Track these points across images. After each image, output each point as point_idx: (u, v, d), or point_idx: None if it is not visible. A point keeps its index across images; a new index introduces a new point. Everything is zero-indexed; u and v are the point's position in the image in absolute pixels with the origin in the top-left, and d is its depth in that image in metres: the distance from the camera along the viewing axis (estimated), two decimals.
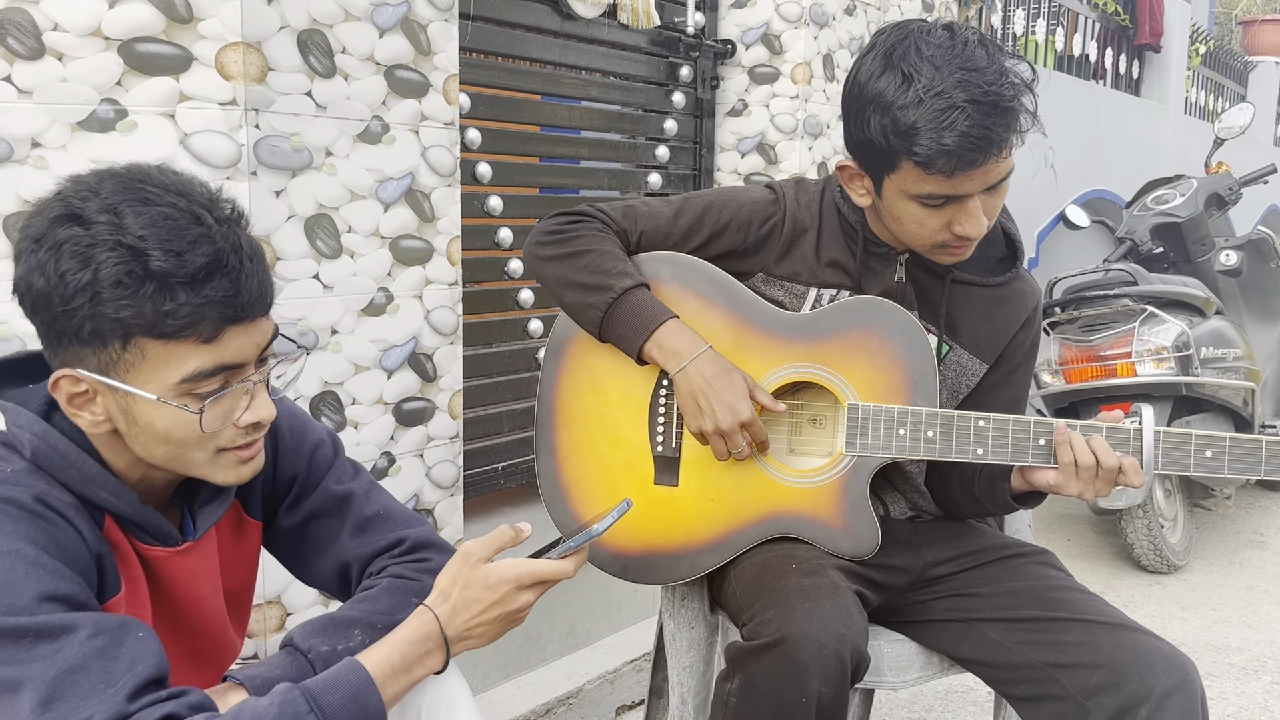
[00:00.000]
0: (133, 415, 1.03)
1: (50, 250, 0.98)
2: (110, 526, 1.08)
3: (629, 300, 1.49)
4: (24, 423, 1.04)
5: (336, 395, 1.90)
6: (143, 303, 0.97)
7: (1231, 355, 3.47)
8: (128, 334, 0.99)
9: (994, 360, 1.60)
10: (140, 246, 0.97)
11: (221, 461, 1.08)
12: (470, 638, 1.13)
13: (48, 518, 1.00)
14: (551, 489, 1.60)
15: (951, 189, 1.38)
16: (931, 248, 1.47)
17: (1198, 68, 7.29)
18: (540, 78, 2.56)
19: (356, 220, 1.88)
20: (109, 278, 0.97)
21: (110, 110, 1.63)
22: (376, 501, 1.29)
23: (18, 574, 0.95)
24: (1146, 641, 1.42)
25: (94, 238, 0.97)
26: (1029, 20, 5.07)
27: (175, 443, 1.05)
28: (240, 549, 1.26)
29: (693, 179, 3.09)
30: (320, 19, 1.78)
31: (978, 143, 1.32)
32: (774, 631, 1.32)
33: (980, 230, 1.42)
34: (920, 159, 1.34)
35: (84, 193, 1.00)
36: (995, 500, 1.56)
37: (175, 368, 1.01)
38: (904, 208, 1.44)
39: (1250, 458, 1.40)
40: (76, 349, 1.01)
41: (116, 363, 1.01)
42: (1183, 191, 3.96)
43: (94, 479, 1.05)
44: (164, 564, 1.13)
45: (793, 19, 3.01)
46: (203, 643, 1.21)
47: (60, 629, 0.95)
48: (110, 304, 0.97)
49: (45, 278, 0.98)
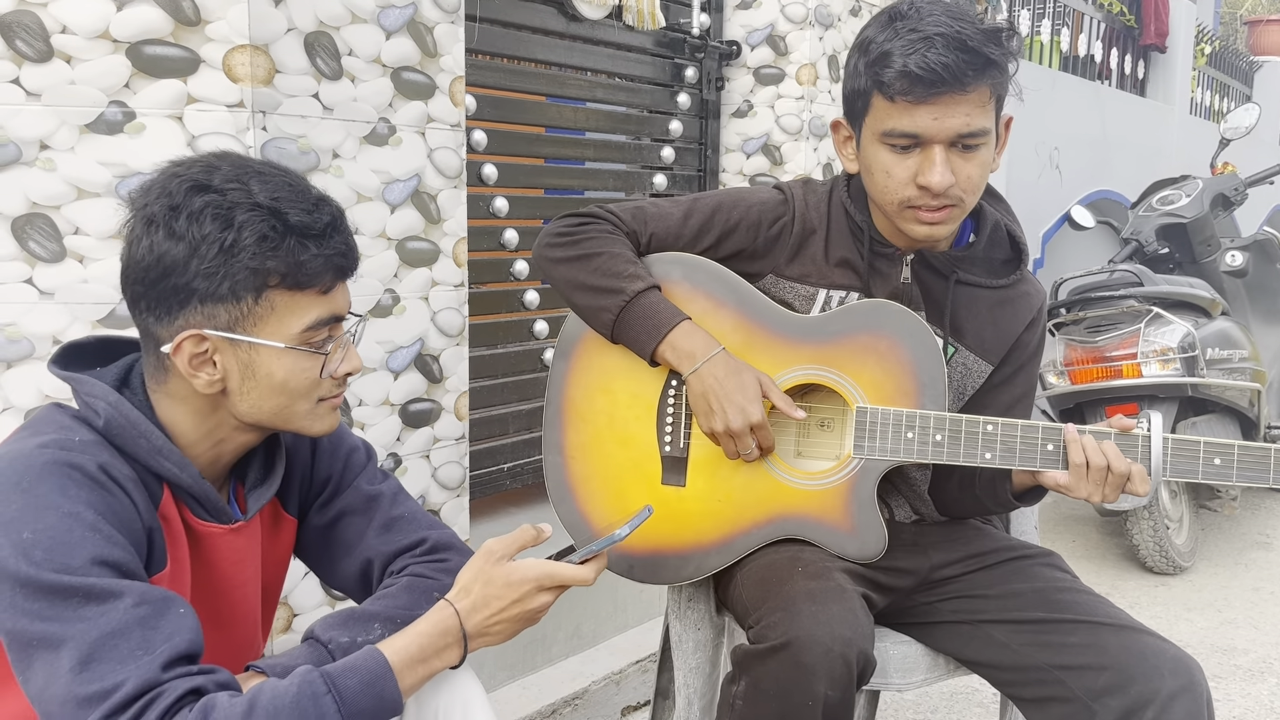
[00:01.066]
0: (253, 368, 1.12)
1: (190, 216, 1.06)
2: (167, 502, 1.13)
3: (641, 303, 1.49)
4: (99, 393, 1.10)
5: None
6: (284, 255, 1.08)
7: (1237, 356, 3.47)
8: (262, 287, 1.09)
9: (999, 362, 1.60)
10: (276, 206, 1.08)
11: (319, 411, 1.18)
12: (488, 634, 1.16)
13: (108, 487, 1.05)
14: (559, 488, 1.60)
15: (911, 123, 1.40)
16: (900, 208, 1.46)
17: (1203, 68, 7.28)
18: (546, 79, 2.56)
19: (363, 222, 1.89)
20: (253, 233, 1.07)
21: (118, 112, 1.64)
22: (402, 505, 1.34)
23: (75, 535, 1.00)
24: (1152, 643, 1.42)
25: (232, 202, 1.07)
26: (1034, 20, 5.06)
27: (289, 392, 1.14)
28: (277, 544, 1.31)
29: (698, 180, 3.09)
30: (327, 21, 1.78)
31: (937, 71, 1.36)
32: (780, 635, 1.33)
33: (942, 182, 1.40)
34: (885, 83, 1.39)
35: (204, 169, 1.10)
36: (995, 498, 1.56)
37: (299, 317, 1.12)
38: (875, 155, 1.46)
39: (1259, 466, 1.40)
40: (208, 307, 1.09)
41: (246, 317, 1.10)
42: (1188, 192, 3.96)
43: (161, 449, 1.11)
44: (216, 540, 1.18)
45: (798, 20, 3.01)
46: (233, 632, 1.24)
47: (107, 593, 0.99)
48: (256, 257, 1.07)
49: (186, 241, 1.06)
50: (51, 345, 1.63)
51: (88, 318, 1.65)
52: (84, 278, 1.65)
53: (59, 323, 1.64)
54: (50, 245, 1.64)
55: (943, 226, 1.47)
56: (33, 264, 1.64)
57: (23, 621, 0.98)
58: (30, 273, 1.64)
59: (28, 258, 1.63)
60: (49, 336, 1.64)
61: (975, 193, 1.46)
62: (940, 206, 1.44)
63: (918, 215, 1.46)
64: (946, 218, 1.46)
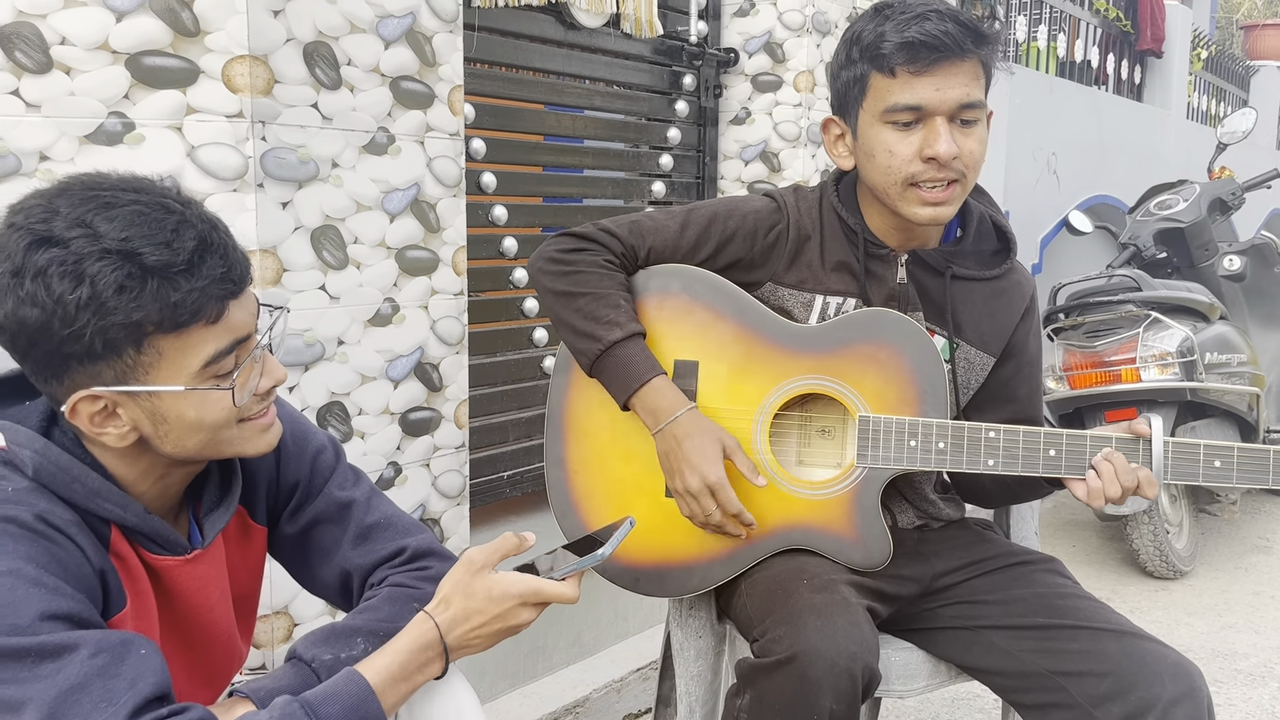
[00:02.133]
0: (161, 414, 1.04)
1: (35, 278, 0.95)
2: (117, 540, 1.08)
3: (617, 354, 1.49)
4: (23, 440, 1.03)
5: (343, 405, 1.90)
6: (149, 301, 0.97)
7: (1236, 360, 3.47)
8: (140, 336, 0.99)
9: (1000, 353, 1.61)
10: (128, 248, 0.96)
11: (246, 433, 1.10)
12: (469, 646, 1.14)
13: (49, 536, 0.99)
14: (562, 503, 1.60)
15: (913, 95, 1.42)
16: (905, 189, 1.46)
17: (1199, 73, 7.30)
18: (544, 87, 2.57)
19: (362, 231, 1.89)
20: (109, 286, 0.95)
21: (118, 123, 1.64)
22: (378, 509, 1.29)
23: (19, 594, 0.95)
24: (1153, 649, 1.43)
25: (77, 253, 0.95)
26: (1030, 26, 5.08)
27: (209, 427, 1.06)
28: (247, 555, 1.26)
29: (696, 187, 3.10)
30: (326, 31, 1.79)
31: (938, 37, 1.40)
32: (786, 649, 1.32)
33: (949, 150, 1.42)
34: (885, 57, 1.42)
35: (41, 215, 0.97)
36: (1030, 484, 1.55)
37: (194, 355, 1.02)
38: (877, 138, 1.46)
39: (1259, 468, 1.41)
40: (89, 368, 1.00)
41: (134, 368, 1.00)
42: (1186, 197, 3.96)
43: (98, 491, 1.05)
44: (174, 573, 1.13)
45: (795, 27, 3.02)
46: (212, 651, 1.21)
47: (62, 648, 0.95)
48: (119, 311, 0.96)
49: (40, 306, 0.96)
50: None
51: None
52: None
53: None
54: None
55: (946, 207, 1.47)
56: None
57: None
58: None
59: None
60: None
61: (976, 169, 1.48)
62: (945, 183, 1.45)
63: (921, 195, 1.46)
64: (950, 196, 1.46)
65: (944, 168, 1.44)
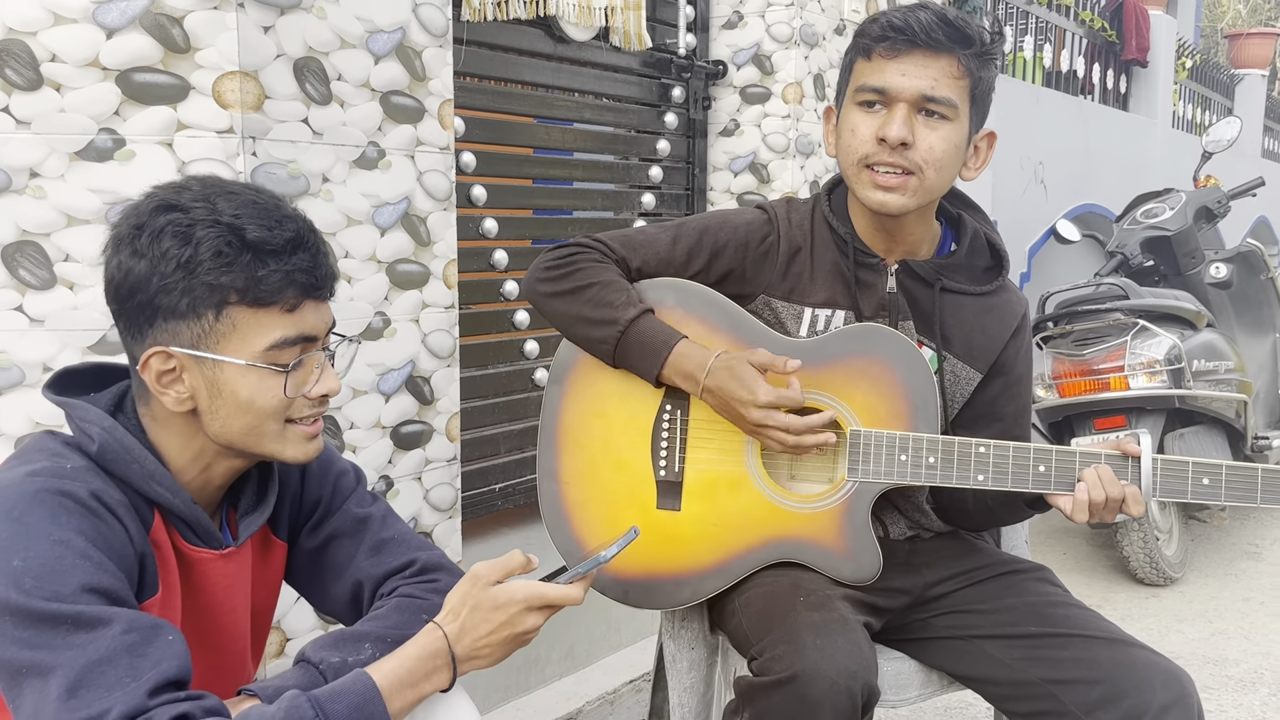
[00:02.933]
0: (218, 386, 1.11)
1: (151, 235, 1.08)
2: (158, 527, 1.13)
3: (637, 329, 1.50)
4: (93, 418, 1.11)
5: (334, 419, 1.90)
6: (239, 270, 1.08)
7: (1223, 368, 3.49)
8: (222, 303, 1.09)
9: (987, 369, 1.61)
10: (236, 223, 1.08)
11: (290, 435, 1.17)
12: (478, 657, 1.16)
13: (100, 514, 1.05)
14: (554, 514, 1.60)
15: (881, 78, 1.45)
16: (860, 167, 1.49)
17: (1184, 82, 7.36)
18: (533, 101, 2.58)
19: (353, 245, 1.89)
20: (210, 249, 1.07)
21: (108, 140, 1.64)
22: (392, 527, 1.34)
23: (66, 563, 1.00)
24: (1143, 656, 1.43)
25: (193, 219, 1.08)
26: (1017, 36, 5.11)
27: (255, 412, 1.13)
28: (267, 569, 1.31)
29: (686, 199, 3.11)
30: (316, 47, 1.79)
31: (912, 25, 1.44)
32: (786, 668, 1.33)
33: (897, 134, 1.44)
34: (866, 41, 1.48)
35: (175, 189, 1.11)
36: (1012, 508, 1.56)
37: (262, 335, 1.11)
38: (846, 119, 1.51)
39: (1247, 485, 1.42)
40: (171, 325, 1.09)
41: (208, 334, 1.10)
42: (1172, 205, 3.99)
43: (154, 474, 1.11)
44: (207, 566, 1.18)
45: (783, 39, 3.04)
46: (222, 658, 1.24)
47: (97, 620, 1.00)
48: (211, 273, 1.07)
49: (147, 258, 1.08)
50: (42, 373, 1.63)
51: (78, 344, 1.65)
52: (74, 305, 1.65)
53: (49, 350, 1.64)
54: (40, 273, 1.64)
55: (895, 195, 1.47)
56: (23, 291, 1.64)
57: (13, 649, 0.98)
58: (20, 300, 1.64)
59: (18, 285, 1.64)
60: (39, 364, 1.64)
61: (936, 167, 1.47)
62: (898, 171, 1.46)
63: (874, 178, 1.48)
64: (901, 185, 1.47)
65: (894, 152, 1.45)
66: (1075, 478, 1.44)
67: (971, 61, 1.46)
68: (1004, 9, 4.99)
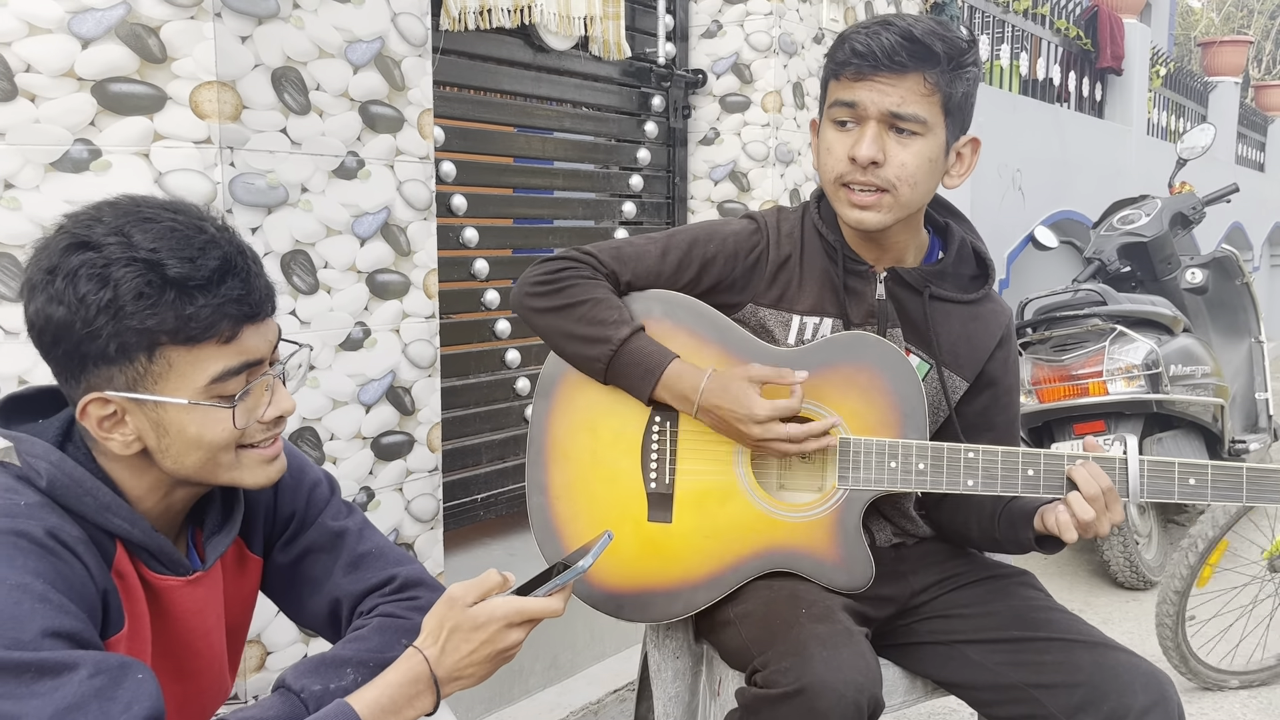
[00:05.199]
0: (164, 426, 1.06)
1: (66, 278, 1.01)
2: (121, 558, 1.09)
3: (628, 349, 1.50)
4: (39, 452, 1.06)
5: (315, 431, 1.89)
6: (165, 310, 1.02)
7: (1200, 372, 3.52)
8: (153, 344, 1.03)
9: (973, 378, 1.62)
10: (154, 259, 1.01)
11: (246, 461, 1.12)
12: (461, 678, 1.14)
13: (57, 553, 1.01)
14: (544, 528, 1.59)
15: (851, 96, 1.47)
16: (837, 186, 1.51)
17: (1159, 89, 7.43)
18: (513, 110, 2.58)
19: (333, 255, 1.89)
20: (130, 291, 1.01)
21: (84, 150, 1.63)
22: (369, 540, 1.31)
23: (24, 608, 0.96)
24: (1125, 659, 1.44)
25: (108, 258, 1.01)
26: (993, 45, 5.16)
27: (207, 446, 1.08)
28: (242, 585, 1.27)
29: (666, 207, 3.11)
30: (294, 56, 1.79)
31: (874, 50, 1.45)
32: (793, 681, 1.32)
33: (867, 153, 1.45)
34: (836, 61, 1.49)
35: (86, 222, 1.04)
36: (1018, 542, 1.55)
37: (202, 371, 1.05)
38: (823, 138, 1.53)
39: (1232, 485, 1.43)
40: (103, 370, 1.04)
41: (144, 376, 1.04)
42: (1148, 211, 4.03)
43: (108, 505, 1.07)
44: (174, 594, 1.14)
45: (762, 48, 3.05)
46: (200, 682, 1.21)
47: (61, 666, 0.95)
48: (134, 316, 1.01)
49: (65, 305, 1.01)
50: (18, 384, 1.62)
51: None
52: None
53: (23, 363, 1.63)
54: (15, 284, 1.62)
55: (871, 213, 1.49)
56: None
57: None
58: None
59: None
60: (14, 377, 1.62)
61: (910, 184, 1.48)
62: (872, 189, 1.47)
63: (849, 196, 1.50)
64: (876, 203, 1.48)
65: (866, 171, 1.46)
66: (1064, 481, 1.44)
67: (940, 77, 1.46)
68: (980, 18, 5.03)
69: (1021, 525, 1.51)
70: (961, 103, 1.50)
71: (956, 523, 1.63)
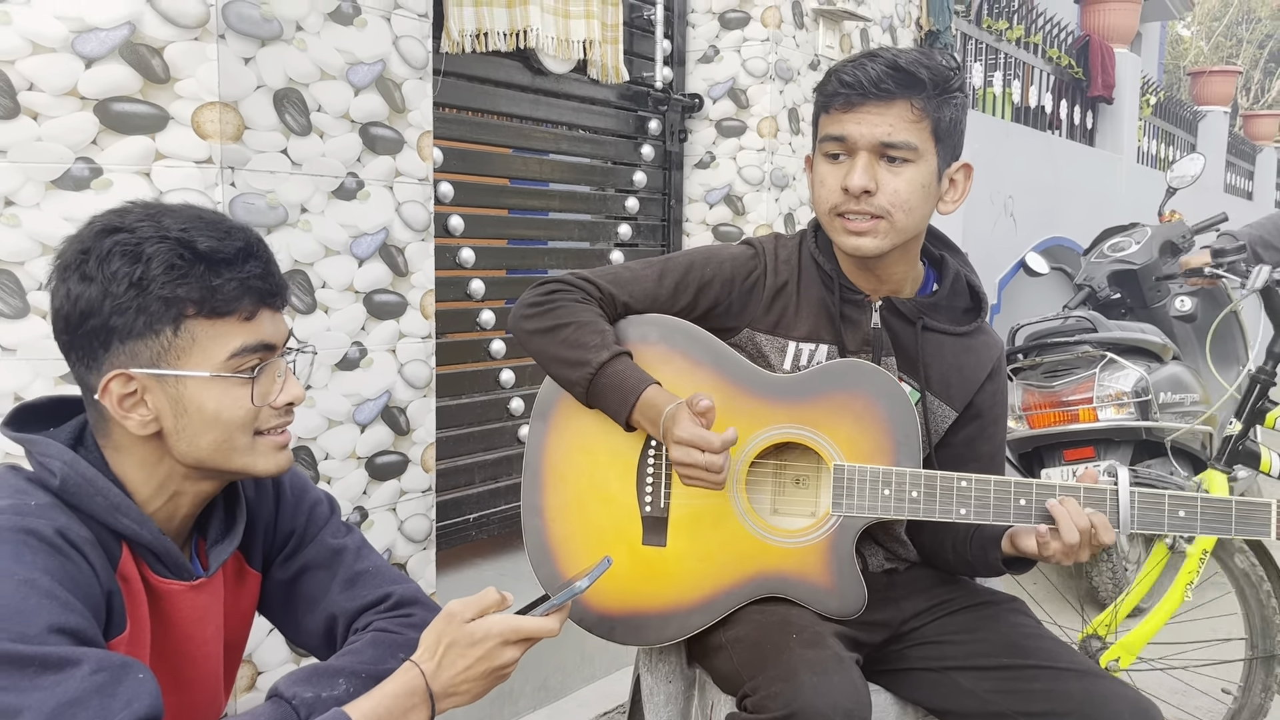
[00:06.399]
0: (183, 403, 1.10)
1: (99, 258, 1.06)
2: (126, 561, 1.11)
3: (608, 372, 1.50)
4: (54, 453, 1.09)
5: (310, 450, 1.89)
6: (194, 281, 1.07)
7: (1189, 400, 3.55)
8: (179, 317, 1.08)
9: (962, 408, 1.63)
10: (185, 236, 1.08)
11: (260, 447, 1.15)
12: (456, 694, 1.15)
13: (66, 552, 1.03)
14: (539, 550, 1.59)
15: (840, 127, 1.49)
16: (832, 216, 1.53)
17: (1149, 118, 7.50)
18: (511, 132, 2.59)
19: (331, 275, 1.89)
20: (162, 263, 1.06)
21: (85, 169, 1.64)
22: (367, 559, 1.33)
23: (31, 603, 0.98)
24: (1112, 688, 1.45)
25: (140, 237, 1.07)
26: (986, 72, 5.21)
27: (223, 424, 1.11)
28: (240, 599, 1.29)
29: (662, 230, 3.13)
30: (297, 78, 1.80)
31: (861, 80, 1.47)
32: (782, 706, 1.32)
33: (859, 183, 1.47)
34: (824, 97, 1.51)
35: (117, 213, 1.10)
36: (987, 564, 1.57)
37: (223, 345, 1.10)
38: (816, 171, 1.55)
39: (1221, 518, 1.44)
40: (129, 346, 1.07)
41: (168, 350, 1.08)
42: (1138, 239, 4.06)
43: (119, 505, 1.09)
44: (177, 598, 1.16)
45: (758, 74, 3.08)
46: (195, 694, 1.21)
47: (65, 661, 0.97)
48: (166, 287, 1.06)
49: (97, 282, 1.06)
50: (14, 401, 1.62)
51: (50, 374, 1.64)
52: (47, 333, 1.62)
53: (21, 379, 1.63)
54: (13, 301, 1.63)
55: (868, 239, 1.50)
56: None
57: None
58: None
59: None
60: (11, 393, 1.62)
61: (904, 210, 1.49)
62: (867, 216, 1.49)
63: (845, 224, 1.52)
64: (872, 229, 1.50)
65: (859, 200, 1.48)
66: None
67: (928, 103, 1.47)
68: (974, 46, 5.08)
69: (991, 547, 1.54)
70: (950, 128, 1.51)
71: (934, 544, 1.65)
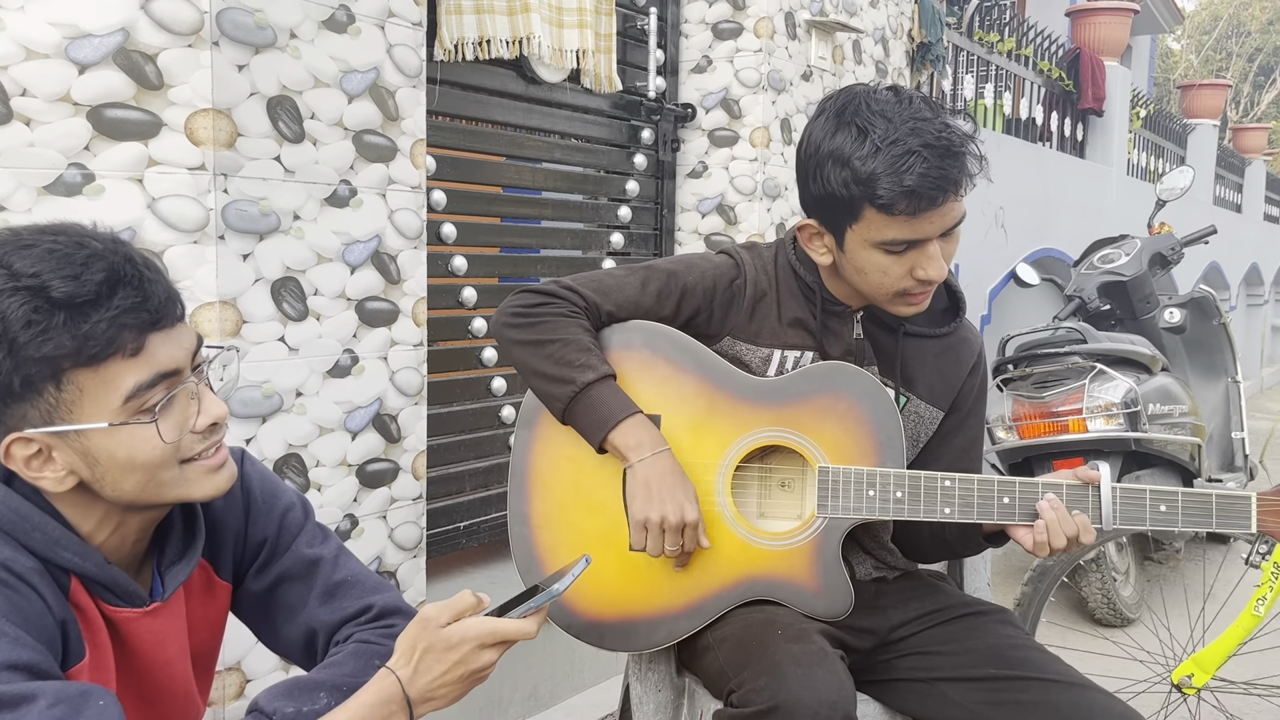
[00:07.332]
0: (93, 455, 1.03)
1: None
2: (76, 590, 1.07)
3: (590, 395, 1.50)
4: None
5: (300, 458, 1.89)
6: (59, 333, 0.97)
7: (1178, 411, 3.56)
8: (57, 372, 0.99)
9: (948, 407, 1.65)
10: (37, 283, 0.97)
11: (190, 474, 1.09)
12: (434, 699, 1.13)
13: (12, 584, 0.99)
14: (526, 558, 1.59)
15: (913, 232, 1.44)
16: (893, 297, 1.51)
17: (1139, 130, 7.55)
18: (504, 140, 2.60)
19: (323, 283, 1.89)
20: (18, 320, 0.96)
21: (77, 174, 1.64)
22: (344, 567, 1.29)
23: None
24: (1100, 700, 1.45)
25: None
26: (978, 84, 5.23)
27: (142, 467, 1.04)
28: (209, 611, 1.25)
29: (654, 239, 3.14)
30: (290, 86, 1.80)
31: (937, 182, 1.40)
32: (768, 699, 1.33)
33: (941, 273, 1.47)
34: (883, 202, 1.41)
35: None
36: (968, 544, 1.59)
37: (115, 389, 1.01)
38: (868, 258, 1.48)
39: (1202, 511, 1.46)
40: (15, 409, 1.00)
41: (57, 407, 1.00)
42: (1127, 251, 4.08)
43: (58, 540, 1.04)
44: (132, 625, 1.12)
45: (751, 84, 3.09)
46: (168, 708, 1.20)
47: (20, 698, 0.94)
48: (30, 345, 0.97)
49: None
50: None
51: None
52: None
53: None
54: None
55: (925, 301, 1.54)
56: None
57: None
58: None
59: None
60: None
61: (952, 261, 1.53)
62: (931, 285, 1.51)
63: (909, 300, 1.52)
64: (931, 292, 1.53)
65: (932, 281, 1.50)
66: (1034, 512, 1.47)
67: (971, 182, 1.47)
68: (965, 58, 5.11)
69: (971, 527, 1.55)
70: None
71: (910, 530, 1.66)
